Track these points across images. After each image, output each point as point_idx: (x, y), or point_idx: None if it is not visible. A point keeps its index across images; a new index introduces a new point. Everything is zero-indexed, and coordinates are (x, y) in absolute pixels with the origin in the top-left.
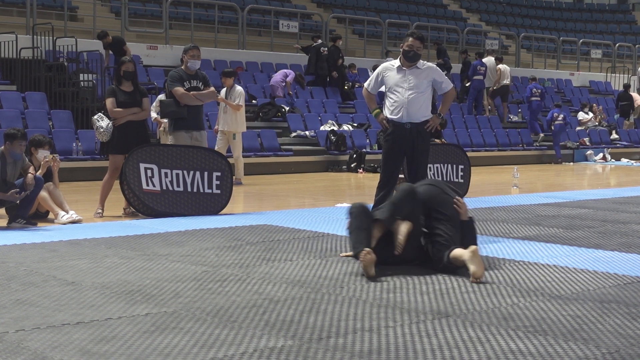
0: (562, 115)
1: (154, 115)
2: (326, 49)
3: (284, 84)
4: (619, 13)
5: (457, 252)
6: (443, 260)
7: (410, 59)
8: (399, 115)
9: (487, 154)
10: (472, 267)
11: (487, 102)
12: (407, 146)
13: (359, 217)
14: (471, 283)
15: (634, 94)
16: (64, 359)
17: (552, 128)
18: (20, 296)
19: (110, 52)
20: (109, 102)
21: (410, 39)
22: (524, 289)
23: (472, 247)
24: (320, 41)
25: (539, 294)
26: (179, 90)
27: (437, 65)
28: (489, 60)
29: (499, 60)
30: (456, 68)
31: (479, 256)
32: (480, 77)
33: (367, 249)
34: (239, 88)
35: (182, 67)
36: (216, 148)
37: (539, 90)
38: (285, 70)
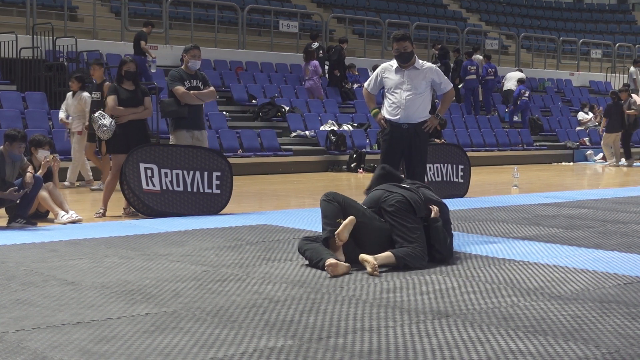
0: (527, 92)
1: (61, 115)
2: (321, 50)
3: (318, 78)
4: (619, 13)
5: (360, 257)
6: None
7: (402, 60)
8: (396, 116)
9: (487, 154)
10: (367, 270)
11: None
12: (405, 146)
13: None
14: (470, 283)
15: (634, 94)
16: (64, 359)
17: (519, 103)
18: (20, 296)
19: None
20: (111, 99)
21: (394, 44)
22: (524, 289)
23: (361, 256)
24: (317, 44)
25: (539, 294)
26: (180, 89)
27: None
28: (516, 74)
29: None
30: None
31: (364, 259)
32: (473, 77)
33: (331, 259)
34: None
35: (182, 67)
36: None
37: (493, 70)
38: (310, 68)
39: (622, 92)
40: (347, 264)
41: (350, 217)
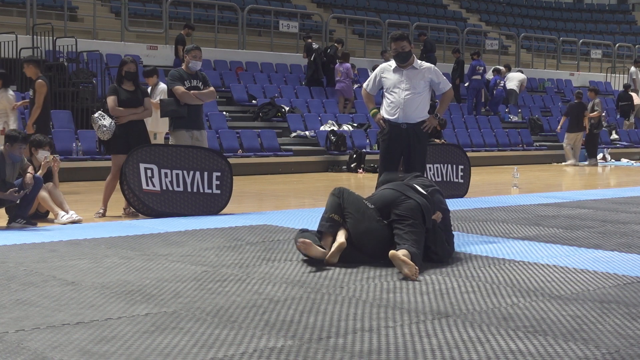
0: (503, 82)
1: None
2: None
3: (349, 81)
4: (619, 13)
5: (391, 253)
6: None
7: (400, 60)
8: (395, 116)
9: (487, 154)
10: (404, 271)
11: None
12: (404, 146)
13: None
14: (470, 283)
15: (634, 94)
16: (64, 359)
17: (495, 93)
18: (20, 296)
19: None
20: (111, 100)
21: (392, 44)
22: (524, 289)
23: (393, 252)
24: (317, 45)
25: (539, 294)
26: (180, 89)
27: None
28: (517, 75)
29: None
30: (447, 68)
31: (401, 259)
32: (479, 77)
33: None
34: (162, 85)
35: (183, 67)
36: None
37: (482, 67)
38: (342, 70)
39: (590, 91)
40: (323, 250)
41: (339, 243)
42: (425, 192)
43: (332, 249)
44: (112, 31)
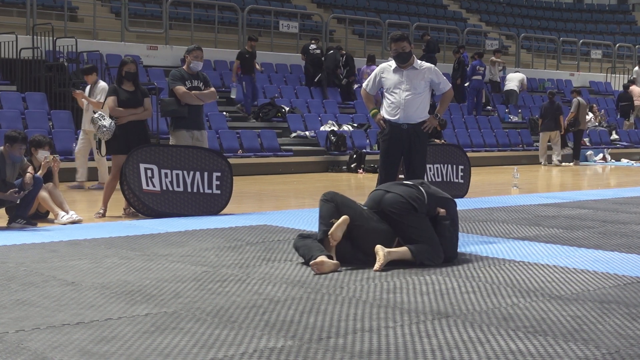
0: (483, 69)
1: None
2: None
3: None
4: (619, 13)
5: (377, 247)
6: None
7: (401, 61)
8: (396, 117)
9: (487, 154)
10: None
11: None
12: (404, 146)
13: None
14: (470, 283)
15: (634, 87)
16: (64, 359)
17: (472, 80)
18: (20, 296)
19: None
20: (111, 100)
21: (392, 44)
22: (524, 289)
23: (378, 246)
24: (315, 45)
25: (539, 294)
26: (181, 89)
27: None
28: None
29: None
30: (447, 68)
31: (379, 254)
32: (479, 77)
33: (319, 257)
34: (102, 84)
35: (184, 67)
36: (77, 149)
37: (483, 68)
38: (368, 72)
39: (573, 92)
40: (335, 262)
41: (343, 217)
42: (410, 183)
43: (336, 223)
44: (112, 31)
